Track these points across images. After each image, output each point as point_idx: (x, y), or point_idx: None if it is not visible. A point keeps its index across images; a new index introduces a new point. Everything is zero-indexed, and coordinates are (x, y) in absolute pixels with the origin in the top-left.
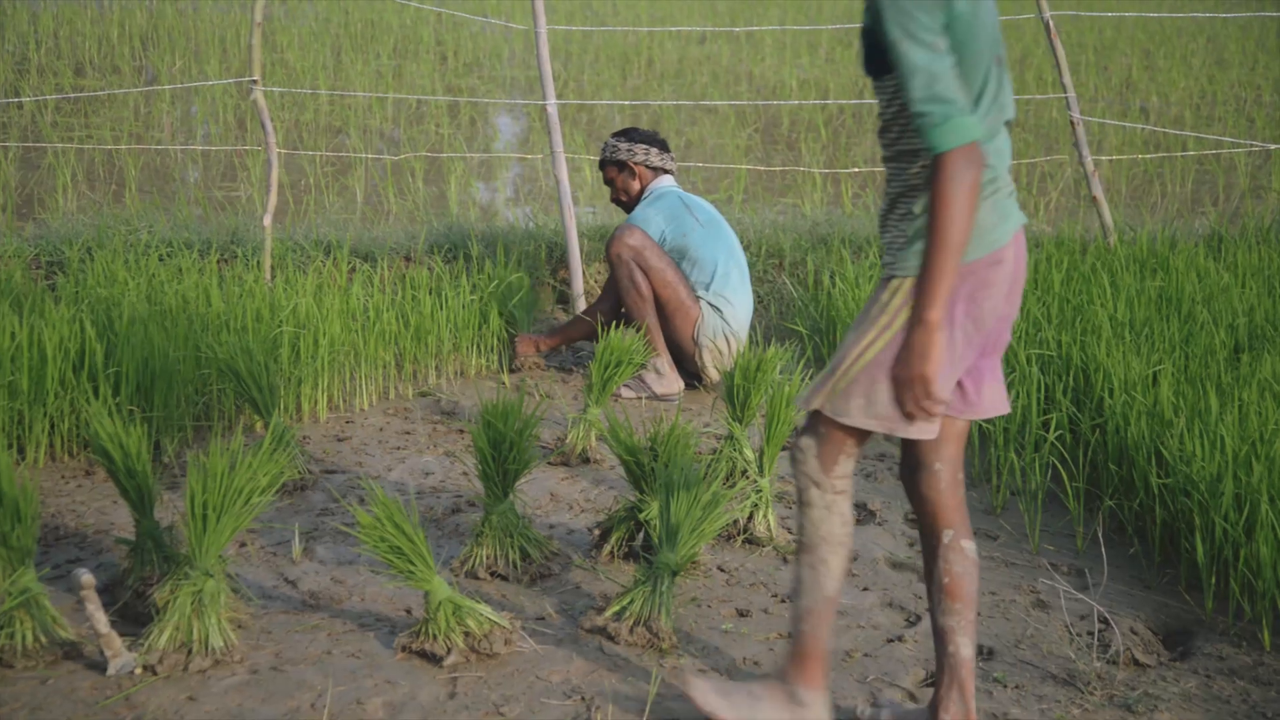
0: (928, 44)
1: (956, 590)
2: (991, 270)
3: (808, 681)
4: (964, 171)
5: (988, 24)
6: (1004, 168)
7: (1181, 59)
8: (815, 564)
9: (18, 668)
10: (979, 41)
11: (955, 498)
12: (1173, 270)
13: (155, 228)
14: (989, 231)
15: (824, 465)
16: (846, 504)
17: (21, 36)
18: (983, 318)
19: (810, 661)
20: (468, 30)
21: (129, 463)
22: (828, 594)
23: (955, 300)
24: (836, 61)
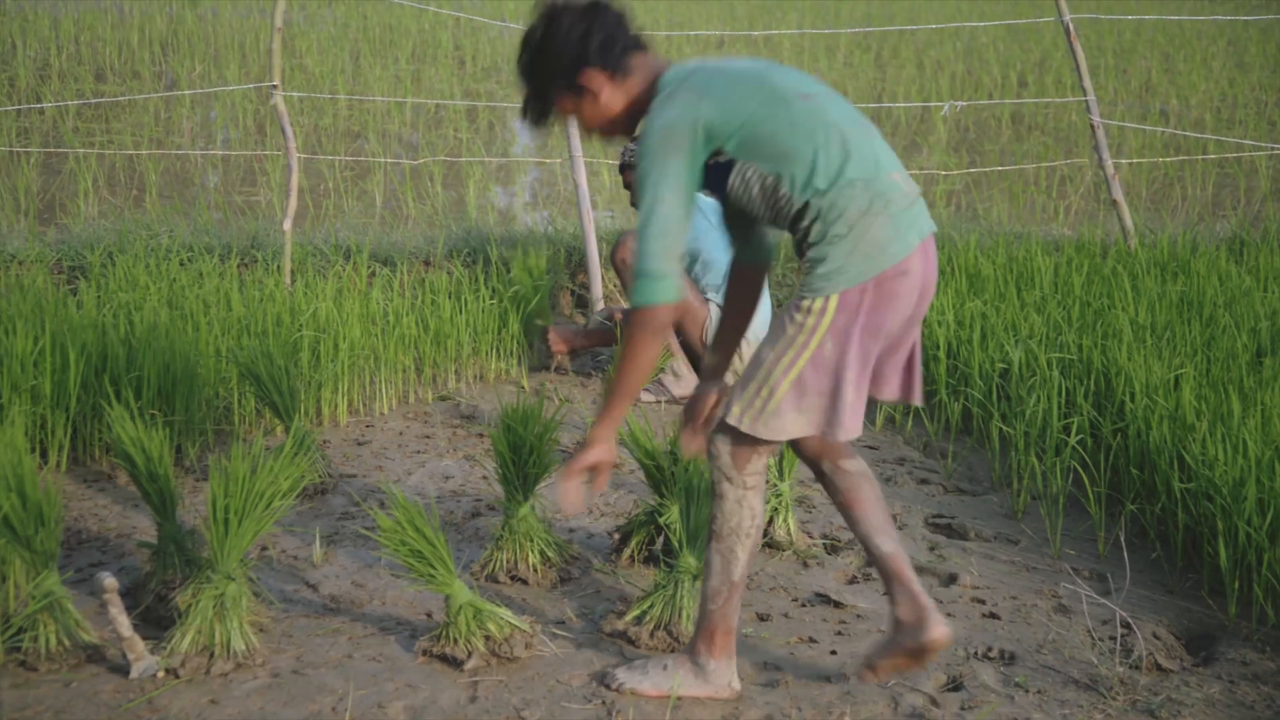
0: (680, 190)
1: (852, 500)
2: (897, 281)
3: (712, 652)
4: (647, 330)
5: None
6: (890, 185)
7: (1202, 62)
8: (724, 552)
9: (41, 671)
10: (793, 123)
11: (827, 445)
12: (1194, 274)
13: (176, 232)
14: (886, 246)
15: (737, 464)
16: (757, 499)
17: (43, 42)
18: (885, 327)
19: (716, 635)
20: (486, 35)
21: (151, 467)
22: (734, 579)
23: (856, 318)
24: (855, 65)
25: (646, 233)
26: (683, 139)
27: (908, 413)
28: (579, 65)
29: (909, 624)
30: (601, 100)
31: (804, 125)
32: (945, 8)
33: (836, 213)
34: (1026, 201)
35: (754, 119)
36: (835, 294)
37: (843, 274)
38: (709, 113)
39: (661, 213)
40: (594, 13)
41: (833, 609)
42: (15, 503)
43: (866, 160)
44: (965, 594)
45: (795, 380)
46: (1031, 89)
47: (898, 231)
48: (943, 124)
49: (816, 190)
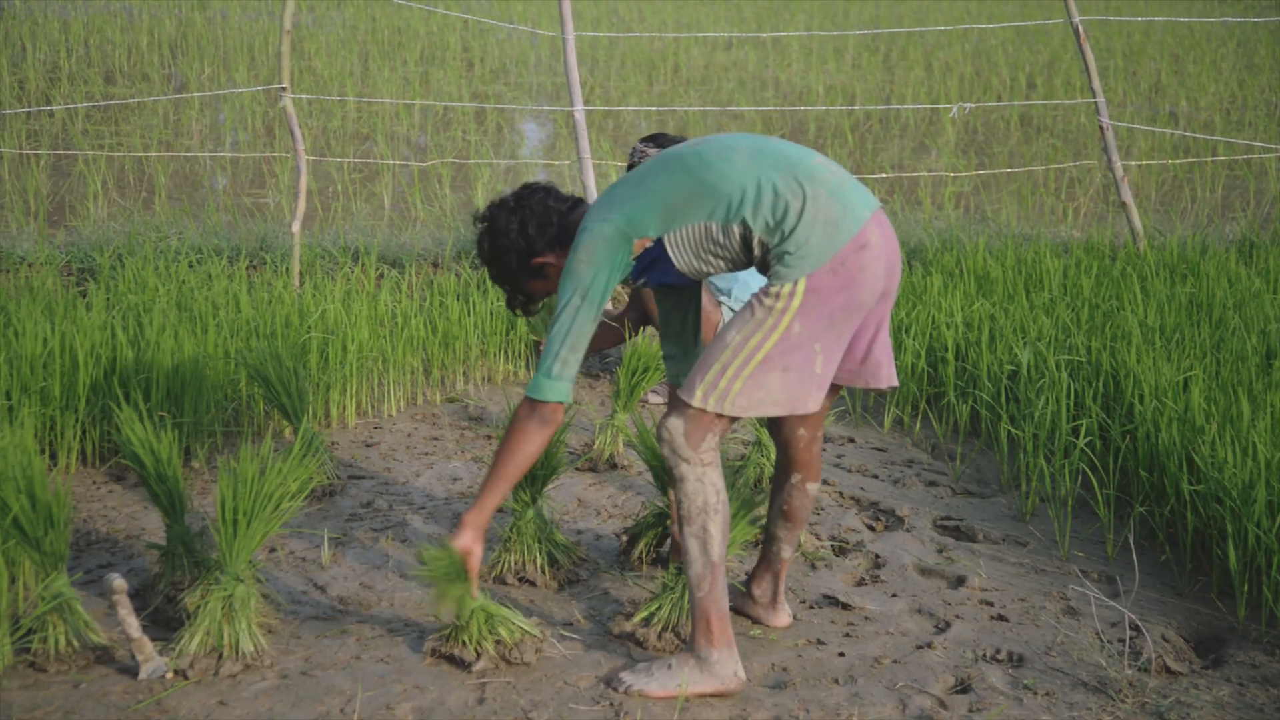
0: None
1: (792, 515)
2: (860, 255)
3: (712, 642)
4: (531, 421)
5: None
6: (814, 168)
7: (1211, 64)
8: (698, 534)
9: (50, 672)
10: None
11: (810, 452)
12: (1203, 276)
13: (185, 234)
14: (839, 221)
15: (691, 443)
16: (716, 474)
17: (53, 45)
18: (862, 300)
19: (711, 623)
20: (494, 37)
21: (160, 468)
22: (713, 560)
23: (826, 298)
24: (863, 67)
25: (557, 341)
26: (599, 255)
27: (916, 414)
28: (529, 256)
29: (765, 603)
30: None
31: (713, 169)
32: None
33: (780, 210)
34: (1035, 203)
35: (665, 196)
36: (803, 277)
37: (806, 257)
38: (615, 220)
39: (574, 327)
40: (523, 203)
41: (841, 611)
42: (25, 504)
43: (778, 159)
44: (974, 596)
45: (762, 360)
46: (1040, 91)
47: (845, 206)
48: (951, 126)
49: (759, 208)
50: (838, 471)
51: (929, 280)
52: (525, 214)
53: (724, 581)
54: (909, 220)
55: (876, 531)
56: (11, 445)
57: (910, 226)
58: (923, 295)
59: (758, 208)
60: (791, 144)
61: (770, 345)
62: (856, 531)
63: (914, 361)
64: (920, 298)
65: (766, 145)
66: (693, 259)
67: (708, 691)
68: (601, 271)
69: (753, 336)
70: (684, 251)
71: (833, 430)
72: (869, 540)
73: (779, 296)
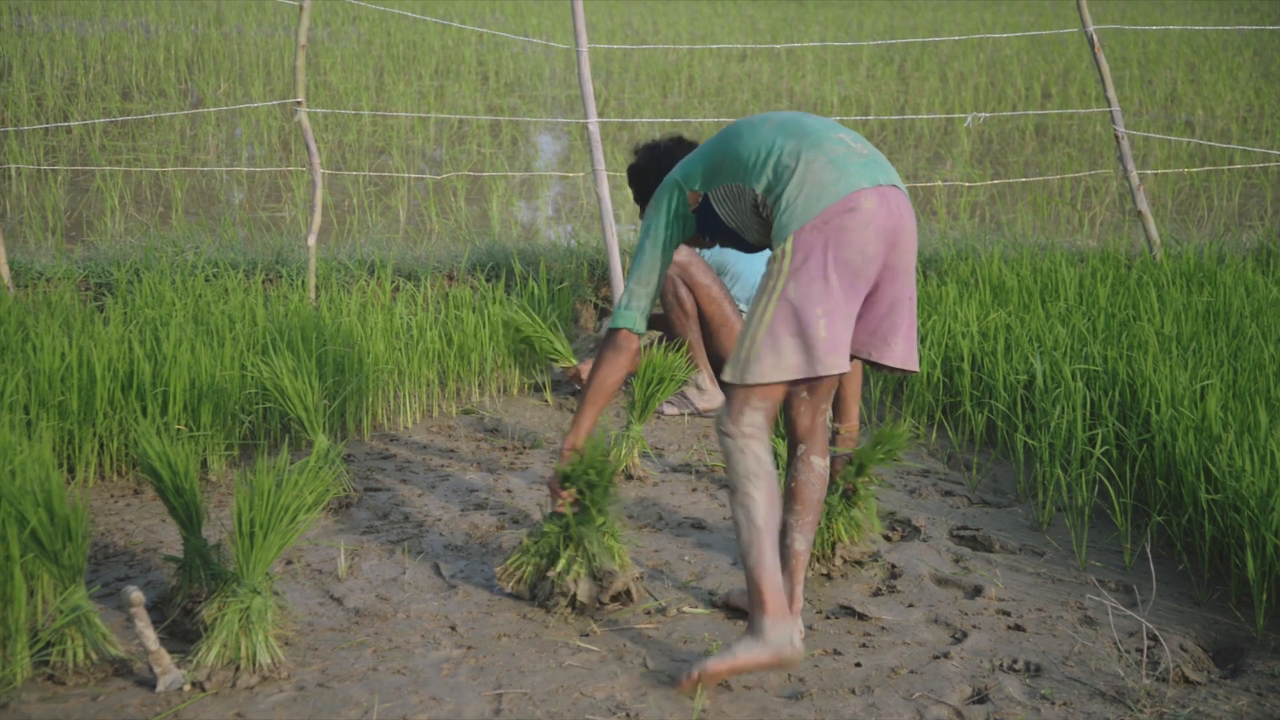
0: (658, 244)
1: (799, 494)
2: (845, 217)
3: (765, 610)
4: (609, 349)
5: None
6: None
7: (1227, 72)
8: (742, 501)
9: (69, 685)
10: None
11: (816, 423)
12: (1220, 284)
13: (201, 248)
14: (829, 185)
15: (732, 417)
16: (759, 445)
17: (70, 61)
18: (851, 259)
19: (765, 592)
20: (509, 50)
21: (177, 481)
22: (759, 525)
23: (813, 254)
24: (877, 78)
25: (630, 277)
26: (659, 200)
27: (932, 424)
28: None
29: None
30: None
31: (744, 137)
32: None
33: (785, 176)
34: (1051, 213)
35: (710, 156)
36: (790, 235)
37: (793, 216)
38: (676, 173)
39: (641, 263)
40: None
41: (857, 621)
42: (43, 517)
43: (796, 129)
44: (990, 606)
45: (769, 325)
46: (1055, 100)
47: (841, 173)
48: (966, 136)
49: (763, 171)
50: None
51: (944, 290)
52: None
53: (773, 550)
54: (924, 230)
55: (893, 541)
56: (30, 459)
57: (926, 236)
58: (938, 305)
59: (762, 172)
60: (825, 120)
61: (773, 309)
62: (873, 541)
63: (930, 371)
64: (936, 307)
65: (795, 119)
66: (733, 216)
67: (764, 662)
68: (661, 216)
69: (759, 303)
70: (724, 208)
71: None
72: (885, 550)
73: (774, 260)
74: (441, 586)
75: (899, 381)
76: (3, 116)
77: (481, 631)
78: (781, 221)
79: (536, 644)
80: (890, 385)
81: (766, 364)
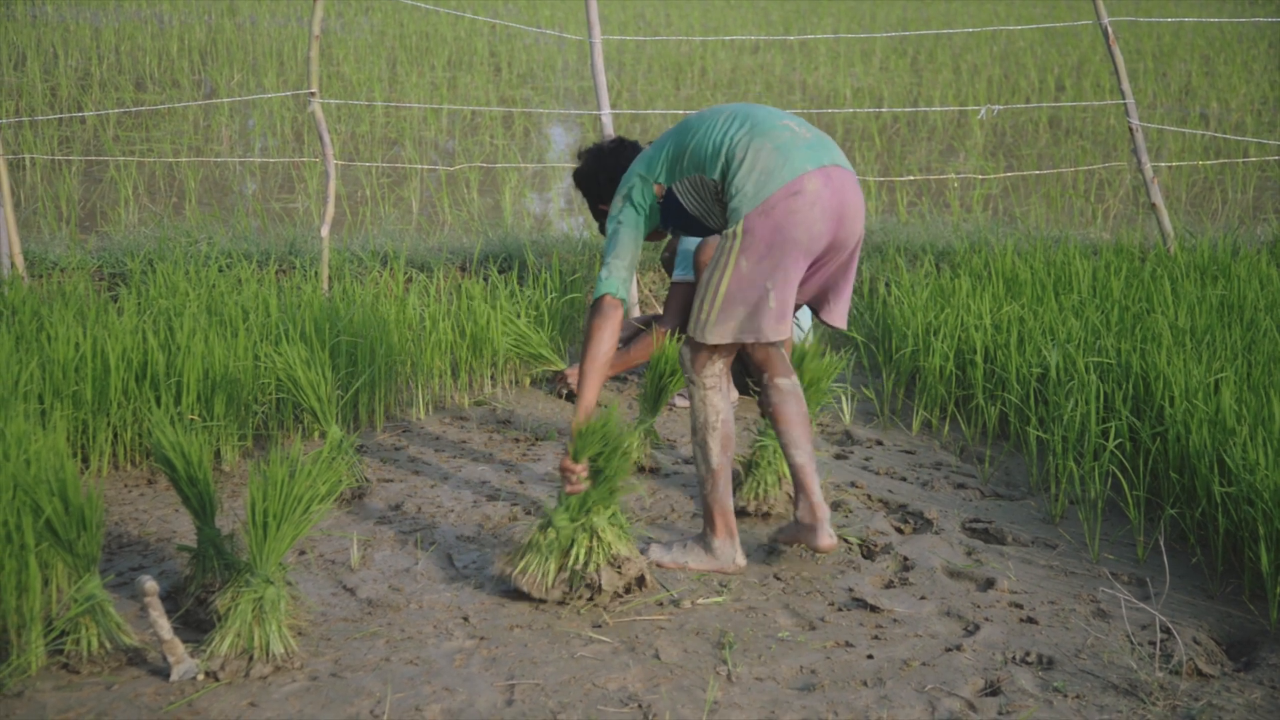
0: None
1: (777, 415)
2: (791, 200)
3: (715, 532)
4: (595, 317)
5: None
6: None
7: (1242, 64)
8: (700, 444)
9: (83, 673)
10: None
11: (770, 354)
12: (1234, 277)
13: (215, 239)
14: (775, 171)
15: (695, 367)
16: (717, 397)
17: (84, 52)
18: (799, 237)
19: (715, 516)
20: (521, 42)
21: (190, 471)
22: (713, 467)
23: (763, 236)
24: (890, 70)
25: (606, 254)
26: (627, 192)
27: (945, 417)
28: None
29: (806, 525)
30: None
31: (698, 130)
32: (982, 11)
33: (727, 163)
34: (1064, 205)
35: (669, 149)
36: (740, 219)
37: (744, 200)
38: (638, 168)
39: (614, 241)
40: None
41: (869, 613)
42: (58, 507)
43: (745, 119)
44: (1003, 598)
45: (725, 295)
46: (1069, 93)
47: (786, 159)
48: (979, 128)
49: (717, 160)
50: (865, 474)
51: (957, 283)
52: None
53: (725, 484)
54: (937, 222)
55: (905, 534)
56: (45, 448)
57: (939, 229)
58: (951, 298)
59: (717, 161)
60: (773, 110)
61: (727, 281)
62: (885, 534)
63: (942, 364)
64: (949, 300)
65: (744, 110)
66: (697, 205)
67: (709, 569)
68: (630, 207)
69: (714, 274)
70: (689, 198)
71: (861, 433)
72: (897, 543)
73: (727, 238)
74: (454, 577)
75: (910, 374)
76: (17, 106)
77: (494, 622)
78: (734, 205)
79: (549, 635)
80: (903, 379)
81: (724, 328)
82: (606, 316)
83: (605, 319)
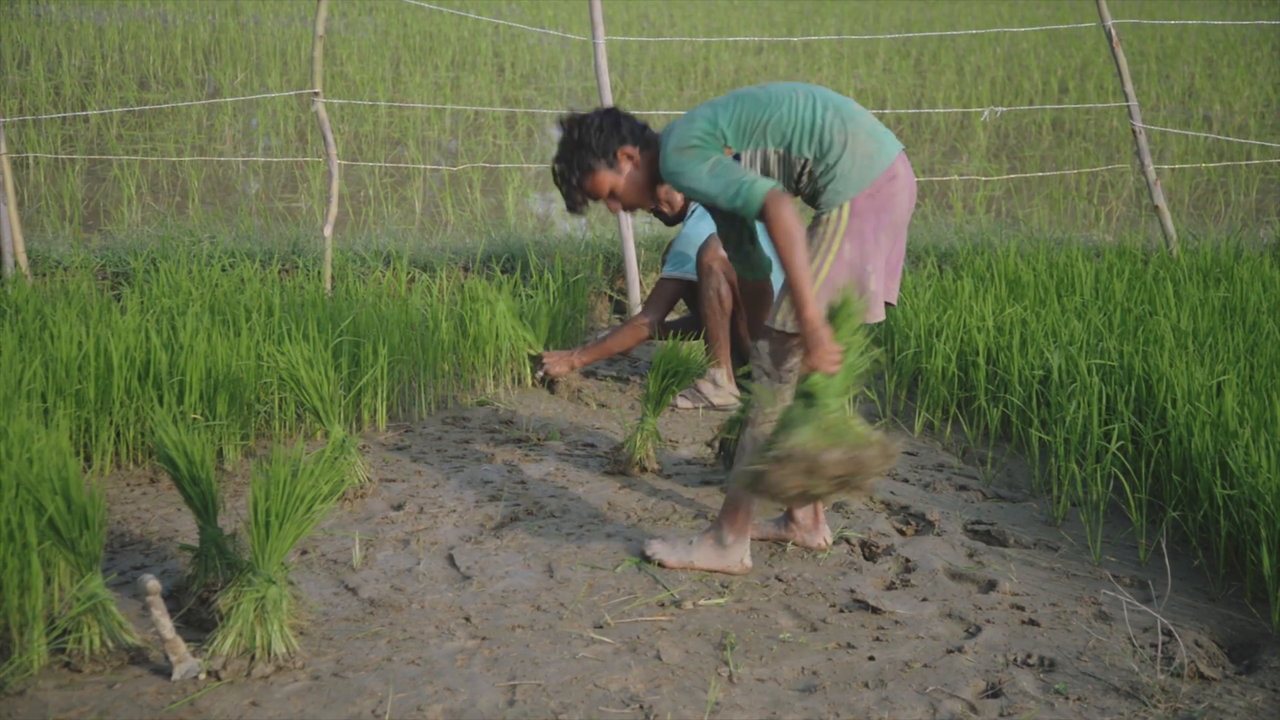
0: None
1: None
2: (890, 185)
3: (734, 529)
4: (783, 207)
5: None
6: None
7: (1245, 67)
8: (758, 437)
9: (85, 672)
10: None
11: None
12: (1237, 280)
13: (218, 238)
14: (874, 156)
15: (775, 361)
16: (789, 393)
17: (88, 51)
18: (895, 220)
19: (738, 515)
20: (525, 42)
21: (193, 470)
22: None
23: (867, 219)
24: (894, 71)
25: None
26: (696, 141)
27: (947, 419)
28: (615, 146)
29: (805, 525)
30: (639, 169)
31: (777, 105)
32: (985, 13)
33: (826, 145)
34: (1067, 207)
35: (741, 119)
36: (846, 203)
37: (848, 184)
38: (702, 122)
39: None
40: (614, 111)
41: (871, 615)
42: (60, 505)
43: (827, 102)
44: (1005, 601)
45: (825, 280)
46: (1073, 95)
47: (878, 144)
48: (983, 130)
49: (810, 140)
50: None
51: (960, 284)
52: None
53: None
54: (940, 224)
55: (907, 535)
56: (47, 447)
57: (941, 230)
58: (954, 299)
59: (809, 140)
60: (835, 92)
61: (829, 266)
62: (887, 535)
63: (944, 365)
64: (951, 301)
65: (819, 92)
66: (770, 172)
67: (716, 568)
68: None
69: (813, 261)
70: (755, 168)
71: None
72: (899, 544)
73: (828, 222)
74: (456, 577)
75: (913, 376)
76: (21, 105)
77: (495, 622)
78: (836, 189)
79: (550, 635)
80: (905, 380)
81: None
82: (785, 200)
83: (785, 201)
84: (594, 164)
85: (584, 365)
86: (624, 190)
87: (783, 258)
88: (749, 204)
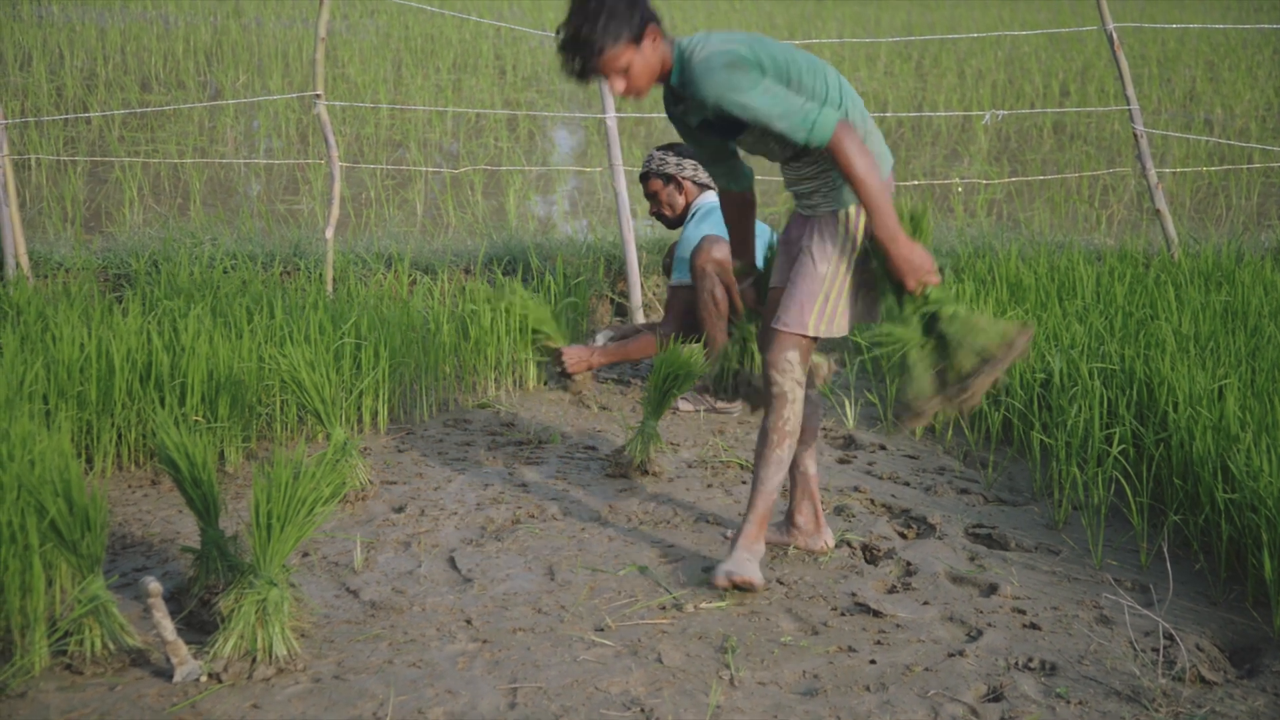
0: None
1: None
2: (891, 186)
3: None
4: (850, 139)
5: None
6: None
7: (1247, 71)
8: (791, 449)
9: (86, 674)
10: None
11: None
12: (1239, 284)
13: (219, 240)
14: (883, 159)
15: (796, 365)
16: (803, 396)
17: (90, 53)
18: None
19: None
20: (526, 44)
21: (194, 472)
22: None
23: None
24: (895, 74)
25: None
26: (746, 62)
27: (948, 423)
28: (645, 21)
29: (808, 531)
30: (657, 52)
31: (811, 67)
32: (986, 16)
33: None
34: (1068, 211)
35: (780, 60)
36: (854, 204)
37: None
38: (742, 47)
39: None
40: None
41: (872, 618)
42: (62, 507)
43: (848, 95)
44: (1006, 604)
45: (849, 281)
46: (1074, 98)
47: (884, 149)
48: (984, 133)
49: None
50: (869, 479)
51: (961, 288)
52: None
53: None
54: (942, 228)
55: (908, 539)
56: (49, 449)
57: (943, 234)
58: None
59: None
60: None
61: (853, 263)
62: (888, 539)
63: None
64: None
65: (839, 77)
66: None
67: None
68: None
69: (839, 262)
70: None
71: (864, 437)
72: (900, 548)
73: (848, 219)
74: (457, 580)
75: None
76: (23, 107)
77: (497, 625)
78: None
79: (551, 638)
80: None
81: (844, 318)
82: (853, 129)
83: (854, 130)
84: (623, 33)
85: (602, 365)
86: (638, 70)
87: (861, 191)
88: (820, 134)
